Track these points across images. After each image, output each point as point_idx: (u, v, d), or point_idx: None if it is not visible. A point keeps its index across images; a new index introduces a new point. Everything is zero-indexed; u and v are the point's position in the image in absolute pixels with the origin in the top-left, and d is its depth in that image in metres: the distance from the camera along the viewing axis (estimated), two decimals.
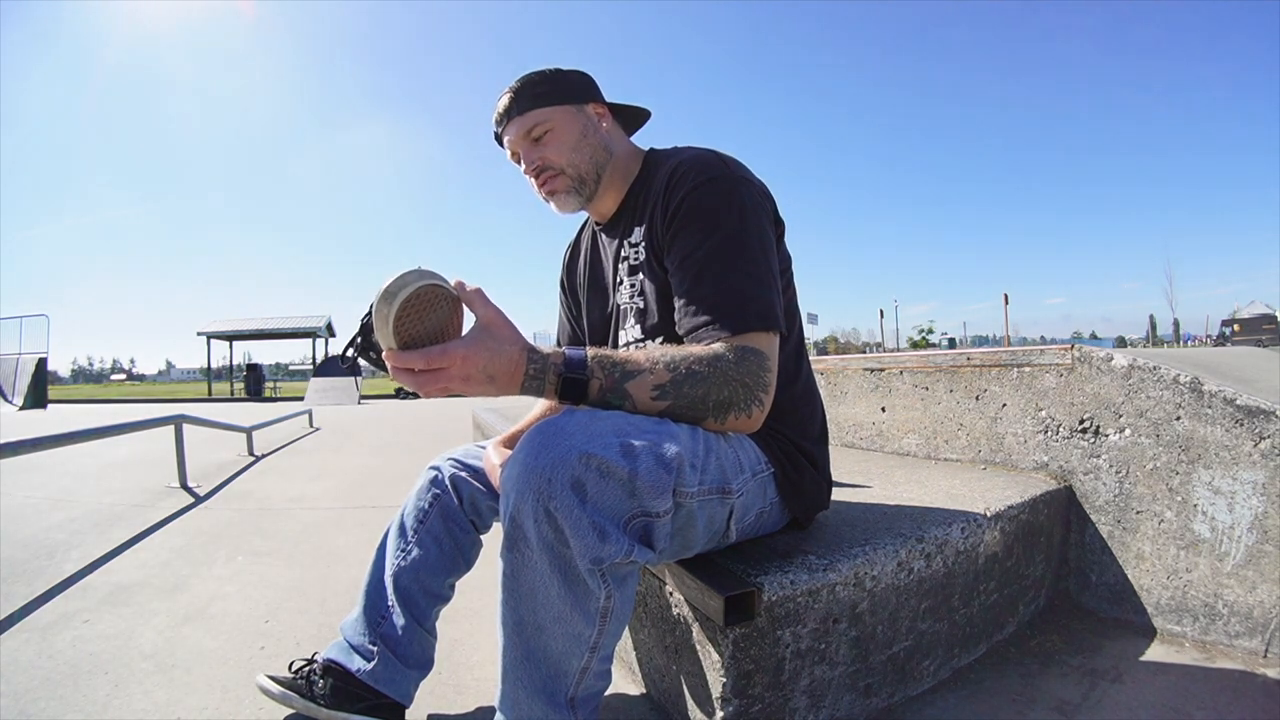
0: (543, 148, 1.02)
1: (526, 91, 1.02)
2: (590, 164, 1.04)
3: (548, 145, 1.02)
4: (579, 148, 1.03)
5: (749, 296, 0.87)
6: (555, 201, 1.05)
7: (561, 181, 1.03)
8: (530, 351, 0.79)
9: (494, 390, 0.79)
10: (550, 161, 1.02)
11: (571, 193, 1.04)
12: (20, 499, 2.92)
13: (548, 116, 1.01)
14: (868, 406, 2.08)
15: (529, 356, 0.78)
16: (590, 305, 1.16)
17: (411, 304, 0.72)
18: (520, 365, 0.78)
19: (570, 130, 1.02)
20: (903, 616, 1.06)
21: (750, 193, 0.94)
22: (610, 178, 1.06)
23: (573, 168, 1.03)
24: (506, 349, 0.77)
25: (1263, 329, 31.72)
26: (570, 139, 1.02)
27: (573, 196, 1.05)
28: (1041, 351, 1.55)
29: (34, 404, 12.94)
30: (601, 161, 1.05)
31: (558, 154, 1.02)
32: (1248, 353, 2.43)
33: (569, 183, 1.03)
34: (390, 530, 1.13)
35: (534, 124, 1.01)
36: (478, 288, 0.79)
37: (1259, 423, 1.14)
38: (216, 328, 22.63)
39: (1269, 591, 1.12)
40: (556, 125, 1.02)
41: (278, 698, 1.05)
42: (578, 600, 0.73)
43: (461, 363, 0.75)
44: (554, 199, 1.05)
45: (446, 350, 0.74)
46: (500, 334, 0.78)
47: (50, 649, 1.38)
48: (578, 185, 1.04)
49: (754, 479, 0.93)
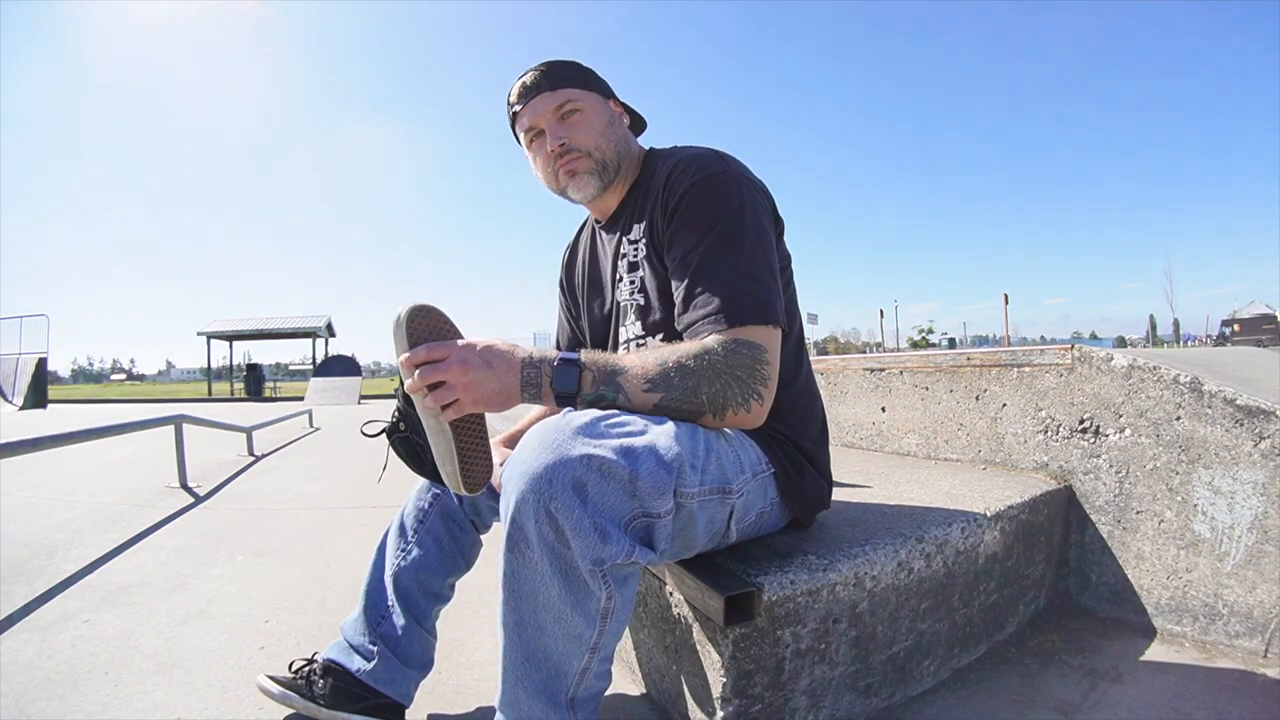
0: (571, 127, 1.02)
1: (558, 70, 1.02)
2: (614, 153, 1.04)
3: (577, 126, 1.02)
4: (606, 134, 1.03)
5: (744, 291, 0.87)
6: (574, 183, 1.04)
7: (585, 163, 1.03)
8: (525, 359, 0.82)
9: (494, 379, 0.80)
10: (577, 142, 1.02)
11: (594, 175, 1.03)
12: (20, 499, 2.92)
13: (579, 97, 1.02)
14: (868, 406, 2.08)
15: (524, 363, 0.82)
16: (590, 303, 1.16)
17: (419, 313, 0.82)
18: (515, 354, 0.82)
19: (599, 116, 1.03)
20: (903, 616, 1.06)
21: (749, 190, 0.94)
22: (622, 174, 1.07)
23: (599, 151, 1.03)
24: (498, 344, 0.82)
25: (1263, 329, 31.72)
26: (599, 124, 1.03)
27: (594, 179, 1.04)
28: (1041, 351, 1.55)
29: (34, 404, 12.93)
30: (623, 154, 1.05)
31: (586, 136, 1.02)
32: (1248, 353, 2.43)
33: (592, 165, 1.03)
34: (390, 530, 1.13)
35: (565, 100, 1.01)
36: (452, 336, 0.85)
37: (1259, 423, 1.14)
38: (216, 328, 22.61)
39: (1269, 591, 1.12)
40: (586, 108, 1.02)
41: (278, 698, 1.05)
42: (578, 601, 0.73)
43: (462, 347, 0.79)
44: (574, 180, 1.03)
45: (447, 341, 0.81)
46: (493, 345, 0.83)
47: (50, 649, 1.38)
48: (600, 169, 1.03)
49: (754, 479, 0.93)
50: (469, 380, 0.79)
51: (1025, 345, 2.19)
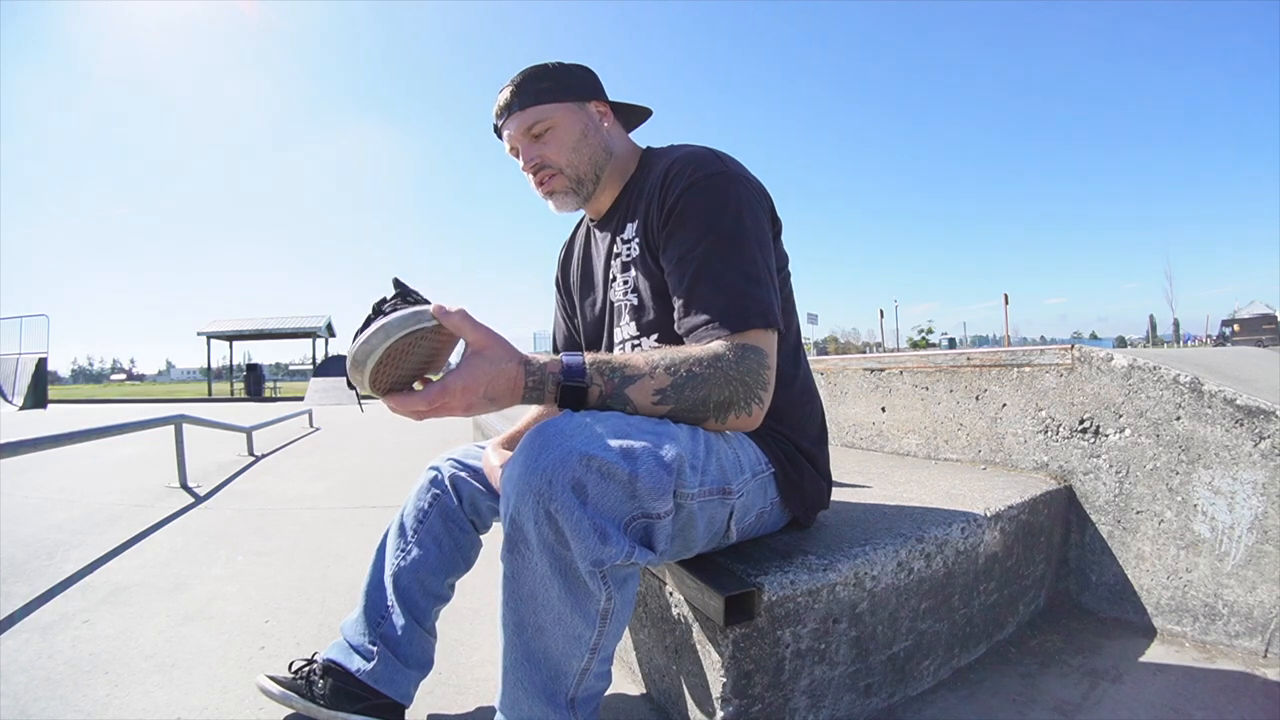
0: (542, 146, 1.02)
1: (528, 87, 1.01)
2: (589, 165, 1.04)
3: (548, 144, 1.01)
4: (579, 148, 1.02)
5: (748, 294, 0.86)
6: (553, 201, 1.05)
7: (559, 181, 1.03)
8: (527, 364, 0.78)
9: (496, 408, 0.80)
10: (549, 160, 1.02)
11: (569, 193, 1.04)
12: (20, 499, 2.92)
13: (549, 114, 1.01)
14: (868, 406, 2.08)
15: (526, 370, 0.78)
16: (584, 302, 1.16)
17: (384, 364, 0.72)
18: (519, 380, 0.77)
19: (571, 130, 1.02)
20: (903, 616, 1.06)
21: (747, 190, 0.93)
22: (609, 176, 1.06)
23: (571, 168, 1.02)
24: (503, 367, 0.76)
25: (1263, 329, 31.72)
26: (570, 139, 1.02)
27: (570, 197, 1.05)
28: (1041, 351, 1.55)
29: (34, 404, 12.93)
30: (601, 162, 1.05)
31: (557, 153, 1.02)
32: (1248, 353, 2.43)
33: (566, 183, 1.03)
34: (390, 530, 1.13)
35: (534, 121, 1.01)
36: (461, 309, 0.77)
37: (1259, 423, 1.14)
38: (216, 328, 22.61)
39: (1269, 591, 1.12)
40: (557, 124, 1.01)
41: (278, 698, 1.05)
42: (578, 602, 0.73)
43: (461, 394, 0.75)
44: (552, 198, 1.05)
45: (446, 387, 0.74)
46: (493, 354, 0.76)
47: (50, 649, 1.38)
48: (575, 185, 1.04)
49: (754, 479, 0.93)
50: (472, 413, 0.78)
51: (1025, 345, 2.19)
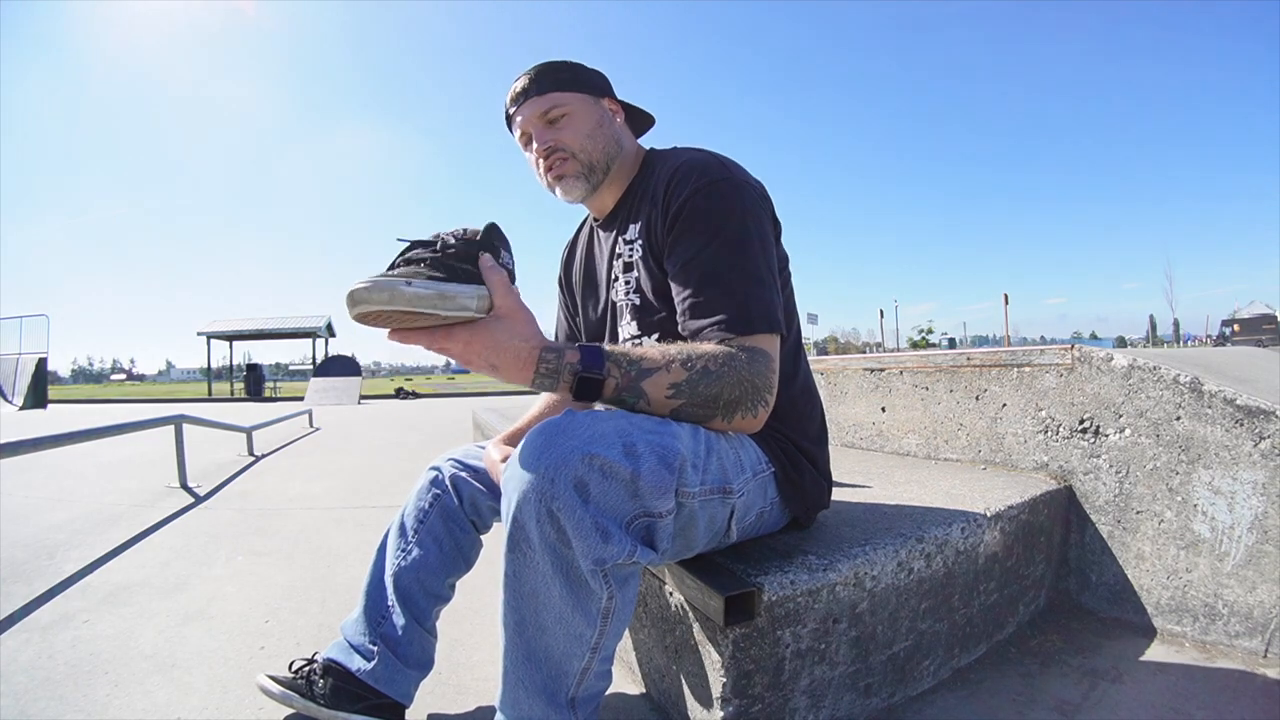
0: (557, 130, 1.02)
1: (547, 74, 1.02)
2: (602, 154, 1.04)
3: (563, 129, 1.02)
4: (594, 136, 1.03)
5: (754, 299, 0.88)
6: (561, 186, 1.05)
7: (571, 165, 1.03)
8: (545, 350, 0.79)
9: (498, 376, 0.80)
10: (564, 144, 1.02)
11: (580, 178, 1.04)
12: (20, 499, 2.92)
13: (566, 100, 1.02)
14: (868, 406, 2.08)
15: (542, 355, 0.78)
16: (585, 302, 1.17)
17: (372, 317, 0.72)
18: (530, 362, 0.78)
19: (586, 118, 1.03)
20: (903, 616, 1.06)
21: (751, 196, 0.95)
22: (615, 173, 1.07)
23: (584, 154, 1.03)
24: (516, 343, 0.78)
25: (1263, 329, 31.74)
26: (586, 126, 1.03)
27: (580, 182, 1.04)
28: (1041, 351, 1.55)
29: (34, 404, 12.93)
30: (612, 154, 1.05)
31: (572, 138, 1.02)
32: (1248, 353, 2.43)
33: (579, 167, 1.03)
34: (390, 530, 1.13)
35: (551, 105, 1.01)
36: (502, 275, 0.80)
37: (1259, 423, 1.14)
38: (216, 328, 22.61)
39: (1269, 591, 1.12)
40: (573, 110, 1.02)
41: (278, 698, 1.05)
42: (579, 601, 0.73)
43: (464, 347, 0.77)
44: (561, 183, 1.04)
45: (451, 334, 0.77)
46: (515, 327, 0.78)
47: (50, 649, 1.38)
48: (587, 172, 1.04)
49: (755, 479, 0.93)
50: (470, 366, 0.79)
51: (1025, 345, 2.19)
